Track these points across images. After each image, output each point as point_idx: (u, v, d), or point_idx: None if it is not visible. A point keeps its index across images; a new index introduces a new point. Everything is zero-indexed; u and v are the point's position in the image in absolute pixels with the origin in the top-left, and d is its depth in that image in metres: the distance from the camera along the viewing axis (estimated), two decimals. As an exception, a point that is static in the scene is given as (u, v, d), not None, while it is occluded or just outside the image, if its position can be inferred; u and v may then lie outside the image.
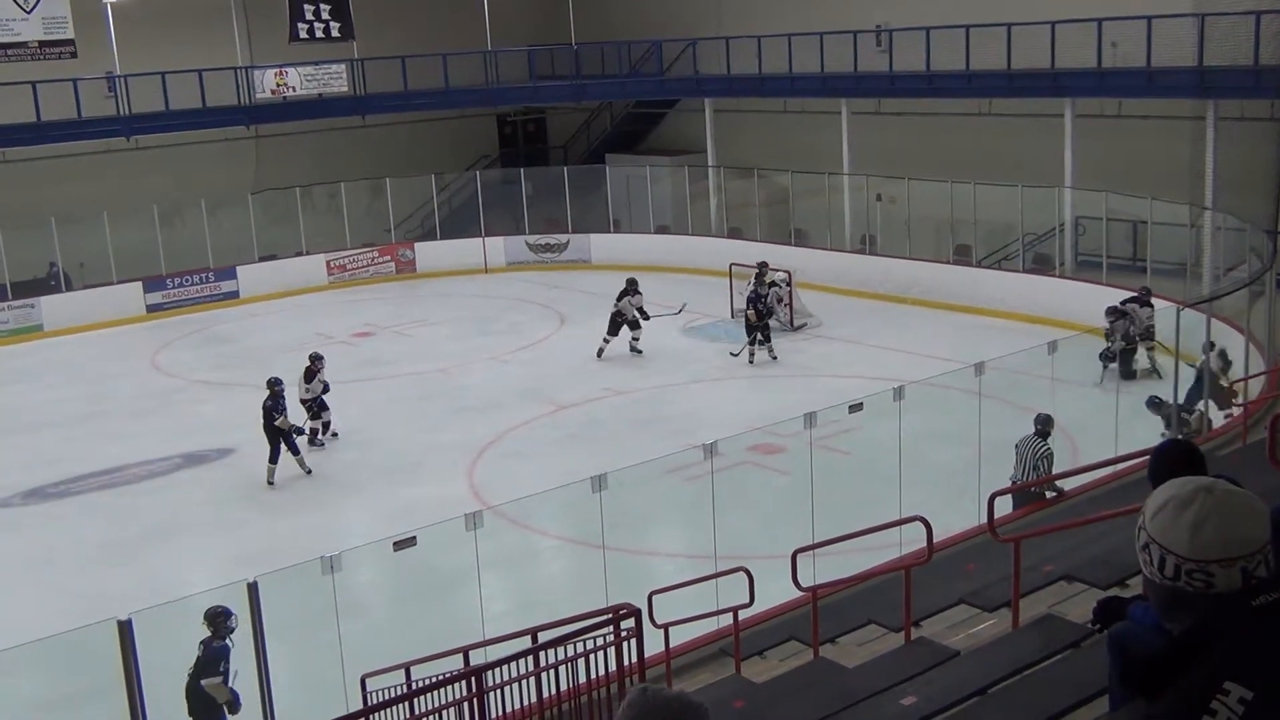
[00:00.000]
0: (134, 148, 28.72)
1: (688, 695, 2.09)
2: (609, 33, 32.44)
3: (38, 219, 27.13)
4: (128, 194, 28.46)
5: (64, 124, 27.10)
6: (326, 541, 12.22)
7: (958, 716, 5.32)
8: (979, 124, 26.04)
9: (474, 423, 18.40)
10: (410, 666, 8.02)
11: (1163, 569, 2.23)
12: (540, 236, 30.71)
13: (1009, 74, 23.73)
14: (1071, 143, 23.36)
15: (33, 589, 13.50)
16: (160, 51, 28.36)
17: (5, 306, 26.34)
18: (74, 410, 20.60)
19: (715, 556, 10.79)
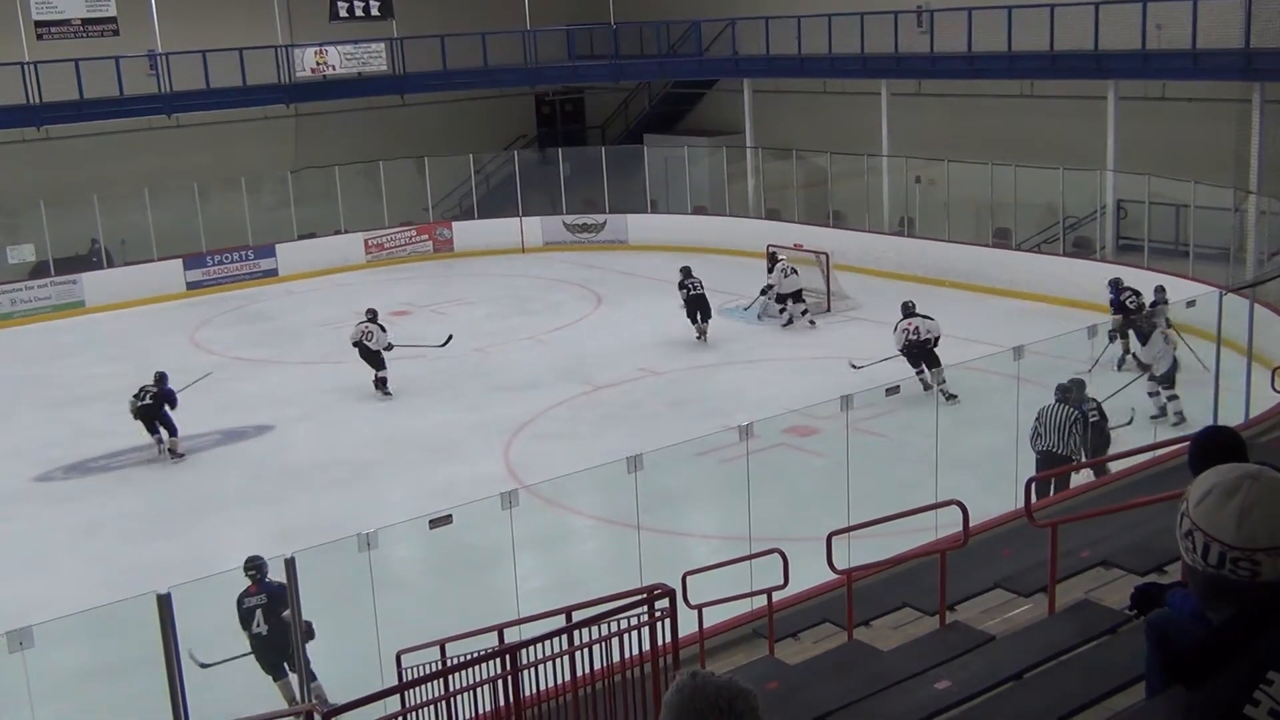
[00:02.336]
0: (175, 125, 28.90)
1: (738, 681, 2.05)
2: (648, 12, 32.36)
3: (80, 196, 27.39)
4: (168, 171, 28.69)
5: (106, 102, 27.31)
6: (363, 518, 12.30)
7: (993, 701, 5.29)
8: (1020, 106, 25.81)
9: (510, 402, 18.46)
10: (445, 643, 8.05)
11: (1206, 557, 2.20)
12: (577, 217, 30.70)
13: (1051, 55, 23.45)
14: (1114, 125, 23.10)
15: (75, 562, 13.68)
16: (201, 30, 28.54)
17: (48, 283, 26.63)
18: (115, 386, 20.73)
19: (749, 538, 10.78)
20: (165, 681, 7.78)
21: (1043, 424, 12.16)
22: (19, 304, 26.05)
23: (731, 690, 2.02)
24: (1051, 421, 12.07)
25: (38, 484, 16.47)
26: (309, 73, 29.41)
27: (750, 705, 2.04)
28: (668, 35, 32.18)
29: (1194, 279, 19.97)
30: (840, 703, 6.03)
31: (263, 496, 15.48)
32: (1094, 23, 22.51)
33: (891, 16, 26.01)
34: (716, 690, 2.01)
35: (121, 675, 10.13)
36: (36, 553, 14.11)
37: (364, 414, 18.54)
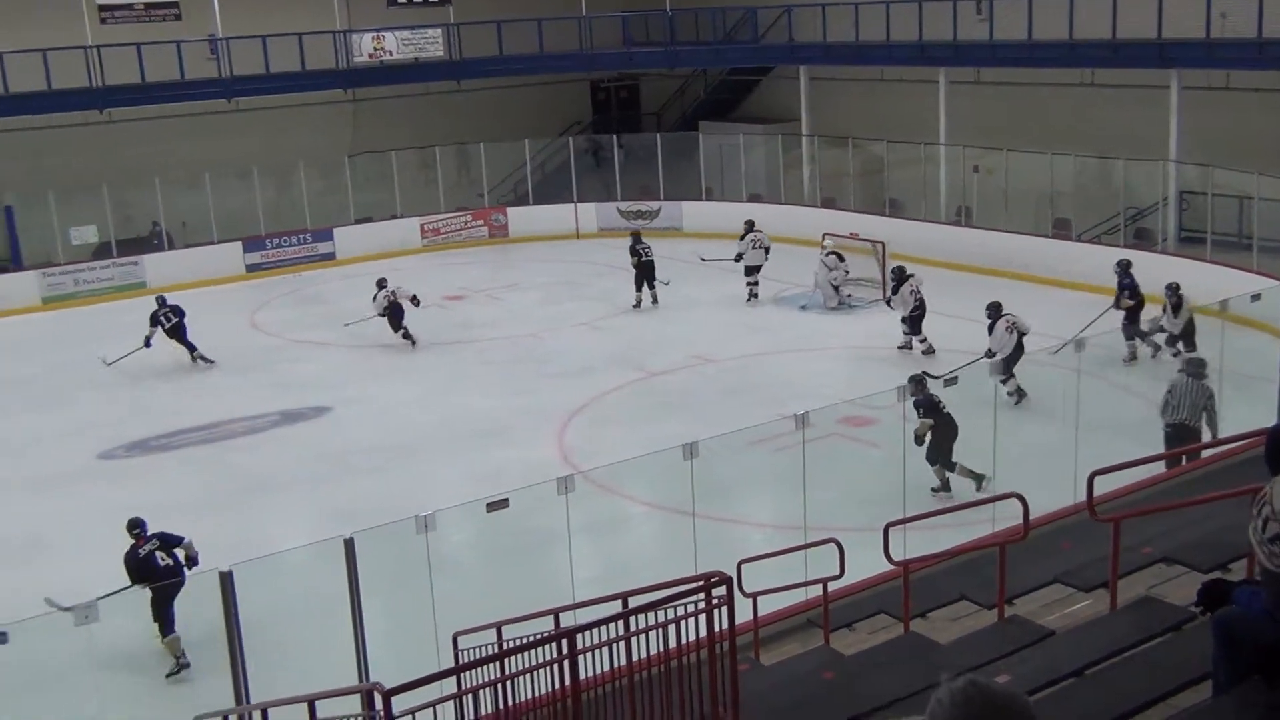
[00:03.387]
0: (235, 109, 29.18)
1: (1018, 692, 1.98)
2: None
3: (142, 179, 27.75)
4: (228, 155, 28.99)
5: (167, 85, 27.62)
6: (417, 500, 12.39)
7: (1053, 698, 5.24)
8: (1081, 95, 25.49)
9: (564, 387, 18.51)
10: (501, 626, 8.09)
11: None
12: (632, 203, 30.70)
13: (1113, 44, 23.12)
14: (1177, 115, 22.76)
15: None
16: (261, 15, 28.80)
17: (110, 264, 27.03)
18: (178, 365, 21.06)
19: (804, 527, 10.77)
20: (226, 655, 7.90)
21: (1175, 396, 12.43)
22: (82, 284, 26.45)
23: (1020, 703, 1.98)
24: (1186, 395, 12.35)
25: (101, 461, 16.72)
26: (366, 58, 29.59)
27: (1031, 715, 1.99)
28: (724, 21, 32.05)
29: (1259, 272, 19.68)
30: (898, 694, 6.00)
31: (319, 477, 15.61)
32: (1157, 11, 22.16)
33: (951, 4, 25.76)
34: (1007, 701, 1.96)
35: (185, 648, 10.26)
36: (100, 529, 14.25)
37: (419, 397, 18.66)
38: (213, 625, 7.88)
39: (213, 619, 7.86)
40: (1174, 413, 12.45)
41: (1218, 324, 15.56)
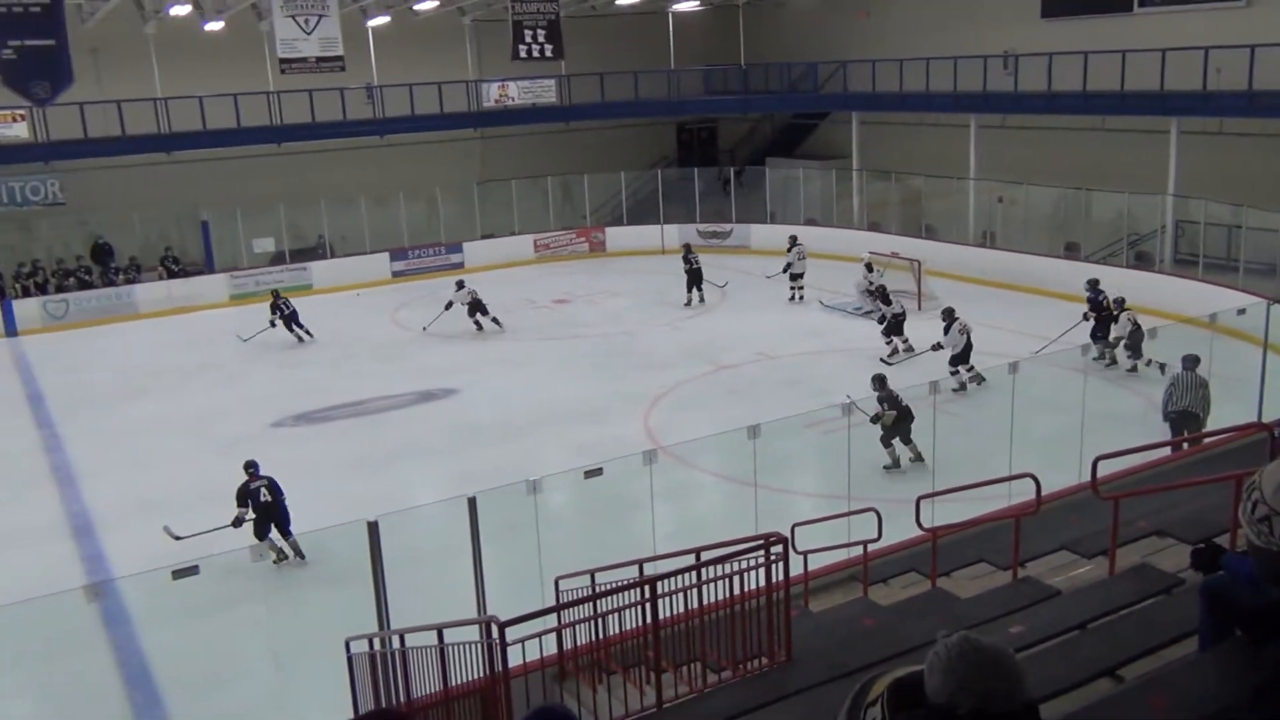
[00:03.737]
0: (385, 144, 29.58)
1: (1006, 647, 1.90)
2: (773, 55, 32.04)
3: (310, 200, 28.26)
4: (379, 181, 29.38)
5: (332, 124, 28.08)
6: (529, 468, 12.48)
7: (1059, 647, 5.14)
8: (1093, 137, 24.90)
9: (650, 377, 18.51)
10: (595, 572, 8.11)
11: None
12: (709, 225, 30.59)
13: (1122, 95, 22.55)
14: (1176, 156, 22.15)
15: (302, 492, 14.04)
16: (409, 67, 29.14)
17: (283, 269, 27.55)
18: (333, 354, 21.43)
19: (848, 497, 10.67)
20: (372, 591, 8.01)
21: (1178, 388, 12.50)
22: (261, 285, 26.97)
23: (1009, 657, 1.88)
24: (1186, 385, 12.45)
25: (272, 429, 17.04)
26: (493, 103, 29.81)
27: (1021, 672, 1.90)
28: (789, 74, 31.81)
29: (1244, 290, 19.08)
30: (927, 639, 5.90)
31: (448, 446, 15.77)
32: (1160, 66, 21.59)
33: (981, 60, 25.33)
34: (998, 657, 1.88)
35: (337, 585, 10.44)
36: (271, 484, 14.61)
37: (529, 382, 18.77)
38: (361, 564, 7.99)
39: (361, 560, 7.96)
40: (1177, 401, 12.46)
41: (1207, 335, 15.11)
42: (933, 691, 1.81)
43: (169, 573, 7.33)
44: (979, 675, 1.79)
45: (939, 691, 1.80)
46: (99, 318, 24.97)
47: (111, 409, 18.30)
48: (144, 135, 26.07)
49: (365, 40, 27.91)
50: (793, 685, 5.85)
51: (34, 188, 25.93)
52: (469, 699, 6.58)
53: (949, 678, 1.80)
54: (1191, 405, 12.39)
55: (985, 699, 1.77)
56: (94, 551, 12.66)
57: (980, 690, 1.78)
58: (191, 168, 27.63)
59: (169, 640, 10.42)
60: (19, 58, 20.97)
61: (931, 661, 1.85)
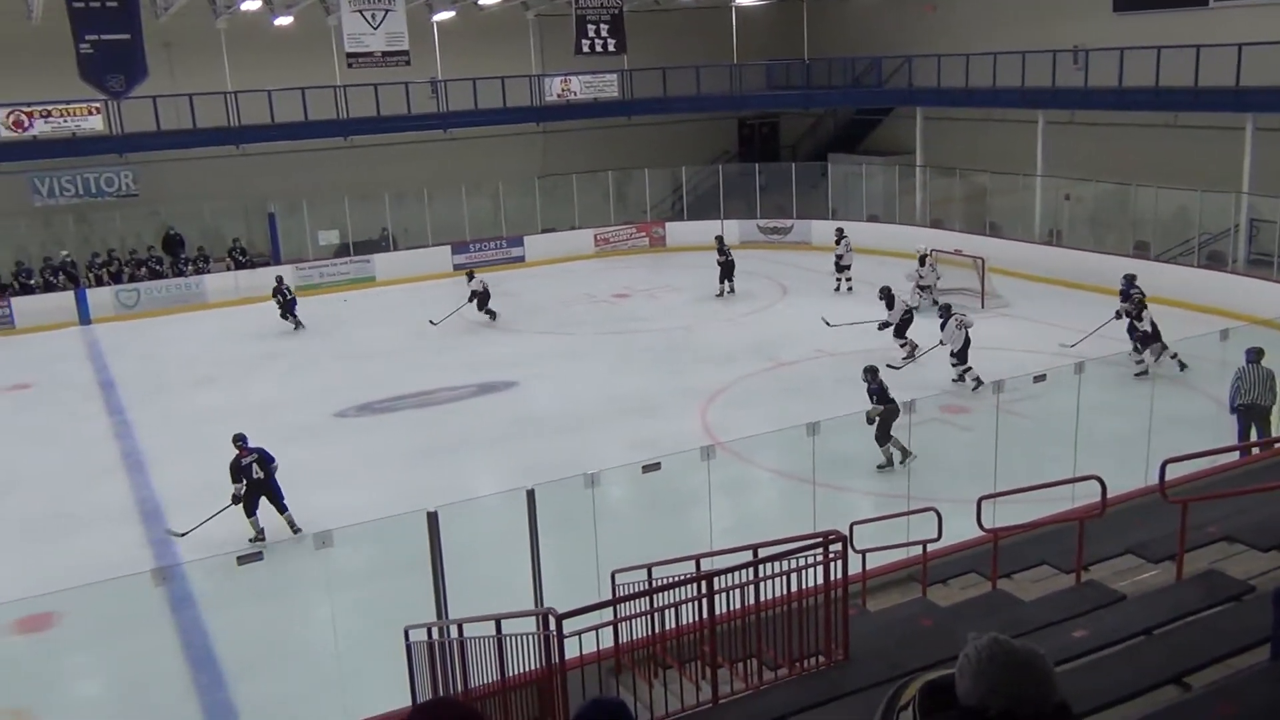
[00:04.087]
0: (449, 138, 29.82)
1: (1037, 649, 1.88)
2: (837, 49, 31.76)
3: (374, 193, 28.60)
4: (442, 175, 29.65)
5: (397, 118, 28.37)
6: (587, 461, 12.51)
7: (1124, 652, 5.04)
8: (1164, 134, 24.34)
9: (708, 372, 18.47)
10: (652, 567, 8.11)
11: None
12: (769, 221, 30.45)
13: (1195, 90, 22.01)
14: (1251, 153, 21.58)
15: (365, 481, 14.32)
16: (472, 61, 29.32)
17: (348, 261, 27.94)
18: (396, 344, 21.66)
19: (908, 497, 10.57)
20: (430, 581, 8.09)
21: (1245, 381, 12.57)
22: (325, 277, 27.41)
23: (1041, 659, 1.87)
24: (1253, 378, 12.54)
25: (336, 419, 17.28)
26: (555, 97, 29.94)
27: (1053, 675, 1.87)
28: (853, 69, 31.53)
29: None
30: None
31: (507, 438, 15.86)
32: (1236, 61, 21.04)
33: (1050, 55, 24.88)
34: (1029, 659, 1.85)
35: (397, 574, 10.56)
36: (334, 473, 14.82)
37: (589, 375, 18.82)
38: (420, 554, 8.07)
39: (420, 550, 8.05)
40: (1245, 394, 12.55)
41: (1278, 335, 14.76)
42: (964, 694, 1.79)
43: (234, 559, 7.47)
44: (1010, 678, 1.77)
45: (969, 694, 1.78)
46: (169, 307, 25.52)
47: (180, 397, 18.69)
48: (214, 128, 26.56)
49: (430, 35, 28.15)
50: (850, 684, 5.80)
51: (108, 179, 26.55)
52: (525, 690, 6.62)
53: (979, 680, 1.78)
54: (1260, 398, 12.46)
55: (1016, 701, 1.75)
56: (162, 536, 12.95)
57: (1011, 693, 1.75)
58: (260, 160, 28.09)
59: (233, 624, 10.63)
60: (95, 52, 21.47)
61: (962, 664, 1.82)
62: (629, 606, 6.81)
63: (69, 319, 24.86)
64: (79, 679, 10.47)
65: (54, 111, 24.77)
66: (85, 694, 10.30)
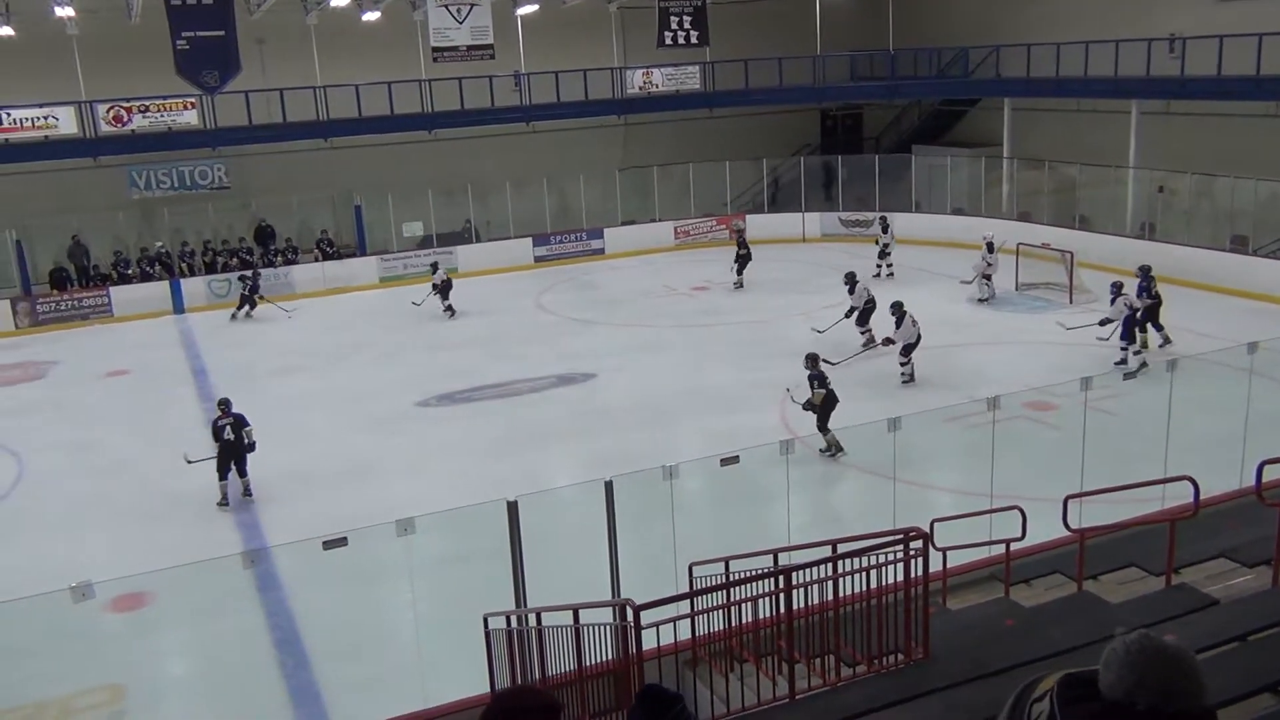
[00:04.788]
0: (532, 131, 30.04)
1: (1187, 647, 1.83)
2: (922, 39, 31.26)
3: (458, 185, 28.94)
4: (524, 167, 29.87)
5: (481, 111, 28.67)
6: (666, 453, 12.54)
7: (1218, 658, 4.89)
8: (1265, 124, 23.51)
9: (787, 366, 18.20)
10: (729, 560, 8.09)
11: None
12: (851, 213, 30.12)
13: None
14: (1357, 143, 20.76)
15: (444, 470, 14.52)
16: (555, 54, 29.49)
17: (431, 252, 28.28)
18: (478, 335, 21.90)
19: (990, 495, 10.36)
20: (509, 569, 8.17)
21: None
22: (409, 268, 27.80)
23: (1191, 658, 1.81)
24: None
25: (418, 408, 17.53)
26: (637, 90, 29.98)
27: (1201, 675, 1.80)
28: (939, 59, 31.01)
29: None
30: (1072, 642, 5.70)
31: (586, 430, 15.94)
32: (1344, 48, 20.25)
33: (1145, 43, 24.18)
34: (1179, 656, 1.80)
35: (476, 562, 10.68)
36: (416, 461, 15.06)
37: (668, 368, 18.81)
38: (500, 544, 8.15)
39: (500, 539, 8.12)
40: None
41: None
42: (1108, 686, 1.73)
43: (320, 543, 7.62)
44: (1161, 671, 1.71)
45: (1115, 686, 1.72)
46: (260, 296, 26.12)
47: (268, 385, 19.13)
48: (303, 122, 27.12)
49: (514, 28, 28.37)
50: (930, 683, 5.72)
51: (202, 172, 27.28)
52: (602, 679, 6.65)
53: (1128, 672, 1.73)
54: None
55: (1166, 696, 1.69)
56: (250, 520, 13.28)
57: (1161, 687, 1.69)
58: (347, 153, 28.61)
59: (317, 607, 10.86)
60: (191, 48, 22.12)
61: (1108, 656, 1.77)
62: (706, 600, 6.81)
63: (164, 308, 25.60)
64: (170, 658, 10.80)
65: (151, 107, 25.52)
66: (175, 673, 10.62)
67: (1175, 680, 1.70)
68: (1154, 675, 1.71)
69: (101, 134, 25.45)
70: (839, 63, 31.90)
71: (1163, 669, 1.71)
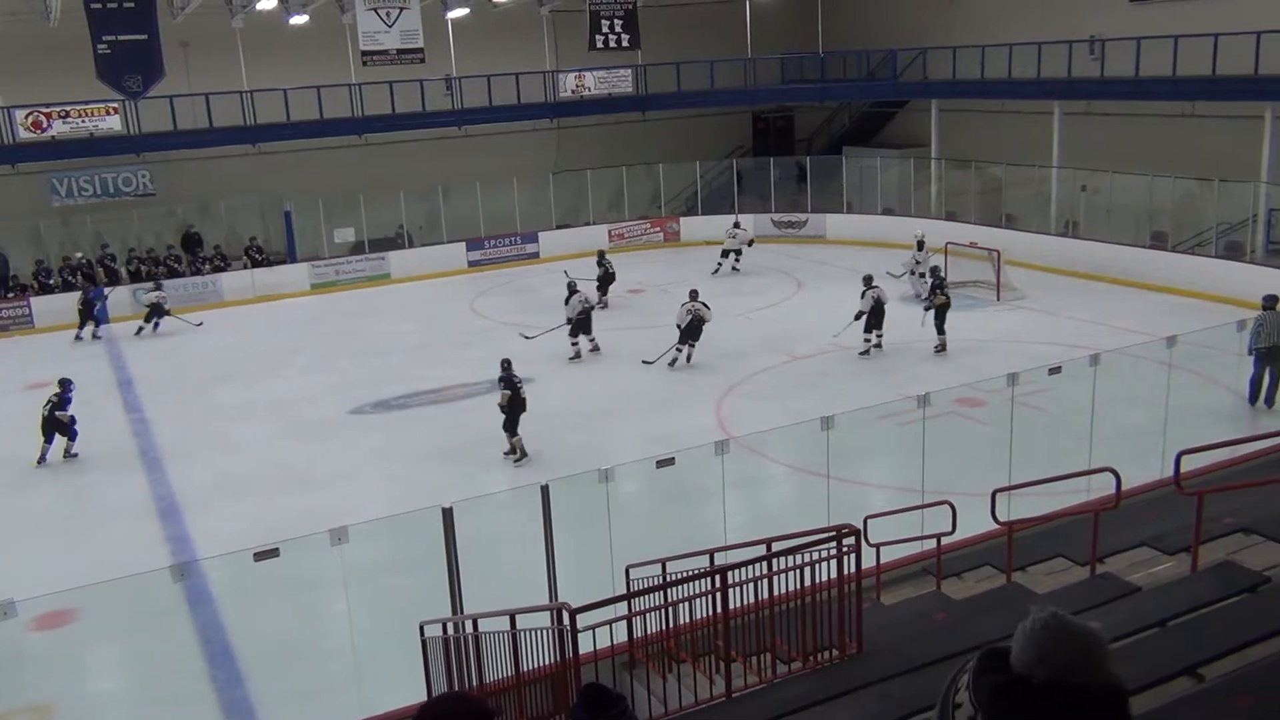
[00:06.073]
0: (463, 135, 29.87)
1: (1097, 628, 1.86)
2: (851, 42, 31.65)
3: (390, 190, 28.65)
4: (457, 171, 29.68)
5: (411, 115, 28.44)
6: (602, 456, 12.54)
7: (1139, 644, 5.01)
8: (1182, 124, 24.18)
9: (723, 368, 18.46)
10: (666, 561, 8.12)
11: None
12: (784, 215, 30.39)
13: (1213, 79, 21.85)
14: (1270, 142, 21.42)
15: (379, 477, 14.37)
16: (487, 58, 29.36)
17: (364, 259, 28.01)
18: (412, 341, 21.71)
19: (922, 490, 10.53)
20: (446, 576, 8.12)
21: (1264, 326, 14.04)
22: (341, 274, 27.50)
23: (1095, 636, 1.83)
24: (1273, 323, 13.99)
25: (351, 415, 17.33)
26: (569, 93, 29.94)
27: (1107, 653, 1.84)
28: (868, 62, 31.44)
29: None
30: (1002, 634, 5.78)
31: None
32: (1255, 49, 20.87)
33: (1066, 46, 24.75)
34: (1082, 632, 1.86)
35: (411, 570, 10.60)
36: (348, 469, 14.88)
37: (604, 371, 18.82)
38: (436, 550, 8.10)
39: (435, 546, 8.07)
40: (1265, 339, 13.98)
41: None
42: (1014, 659, 1.82)
43: (251, 555, 7.51)
44: (1061, 647, 1.78)
45: (1019, 659, 1.80)
46: (186, 305, 25.60)
47: (197, 394, 18.79)
48: (230, 127, 26.68)
49: (445, 32, 28.19)
50: (864, 678, 5.79)
51: (125, 179, 26.72)
52: (540, 684, 6.64)
53: (1031, 646, 1.81)
54: (1278, 340, 13.90)
55: (1061, 671, 1.76)
56: (179, 533, 13.03)
57: (1060, 662, 1.77)
58: (276, 159, 28.20)
59: (250, 620, 10.68)
60: (113, 52, 21.62)
61: (1018, 633, 1.86)
62: (643, 601, 6.83)
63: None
64: (99, 675, 10.55)
65: (72, 112, 24.93)
66: (105, 690, 10.38)
67: (1074, 656, 1.77)
68: (1054, 650, 1.78)
69: (20, 140, 24.81)
70: (770, 65, 32.17)
71: (1063, 645, 1.79)
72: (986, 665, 1.86)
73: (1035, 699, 1.77)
